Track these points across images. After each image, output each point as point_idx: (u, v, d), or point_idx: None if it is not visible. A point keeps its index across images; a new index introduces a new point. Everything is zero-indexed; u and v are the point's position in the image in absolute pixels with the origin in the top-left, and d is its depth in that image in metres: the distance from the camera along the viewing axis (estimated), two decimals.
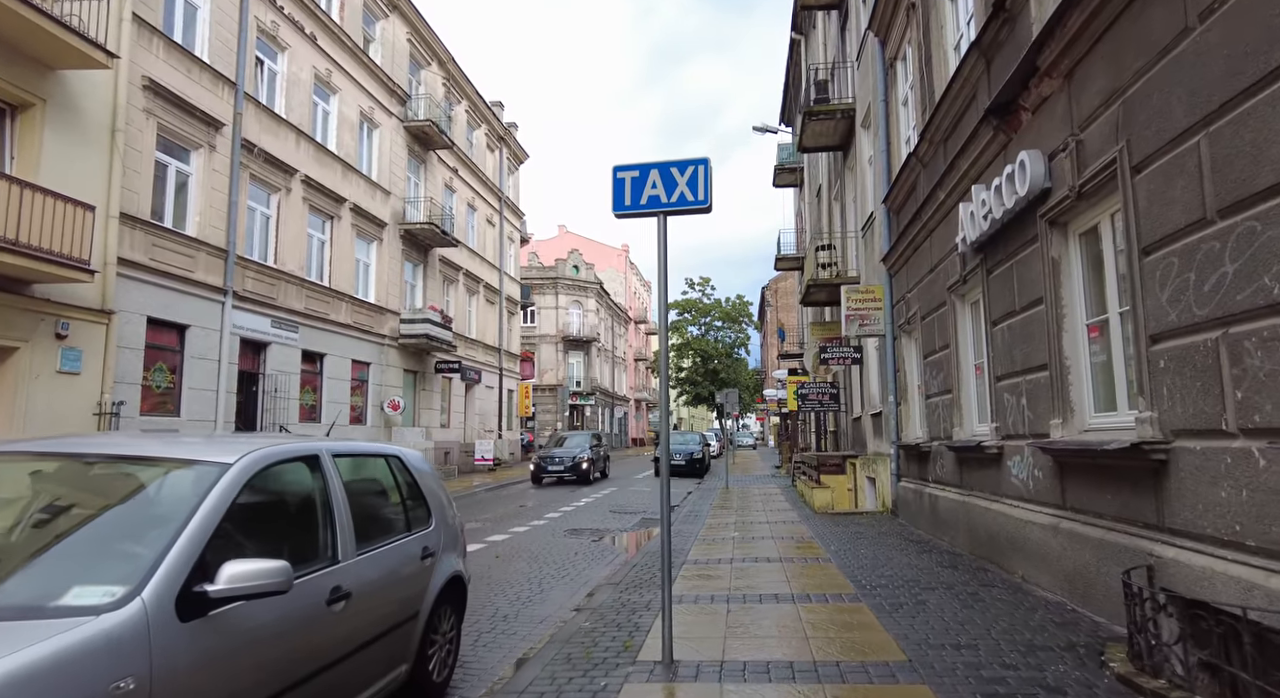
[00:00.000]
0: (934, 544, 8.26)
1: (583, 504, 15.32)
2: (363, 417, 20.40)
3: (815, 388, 16.99)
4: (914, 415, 10.41)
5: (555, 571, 8.12)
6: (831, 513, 11.92)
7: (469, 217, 28.50)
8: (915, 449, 9.72)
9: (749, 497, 15.76)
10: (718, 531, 10.14)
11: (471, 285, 28.23)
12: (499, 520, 12.41)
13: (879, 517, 11.15)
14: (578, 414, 49.70)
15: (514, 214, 33.65)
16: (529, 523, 12.09)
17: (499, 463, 28.03)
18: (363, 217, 20.11)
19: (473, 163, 28.42)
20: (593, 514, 13.48)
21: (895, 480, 11.01)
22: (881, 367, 12.53)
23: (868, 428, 14.06)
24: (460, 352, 26.63)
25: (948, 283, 8.08)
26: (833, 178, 18.52)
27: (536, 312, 49.18)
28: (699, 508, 13.34)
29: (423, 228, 22.31)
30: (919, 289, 9.50)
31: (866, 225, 13.66)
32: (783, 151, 27.60)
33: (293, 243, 16.96)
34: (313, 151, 17.83)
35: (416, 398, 23.50)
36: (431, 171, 24.79)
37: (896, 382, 11.07)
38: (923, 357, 9.41)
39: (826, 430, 19.99)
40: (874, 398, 13.67)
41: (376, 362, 20.89)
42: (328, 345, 18.44)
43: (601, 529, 11.37)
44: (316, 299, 17.94)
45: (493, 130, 30.89)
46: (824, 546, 8.44)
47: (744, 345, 55.27)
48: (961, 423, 7.83)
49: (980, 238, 6.73)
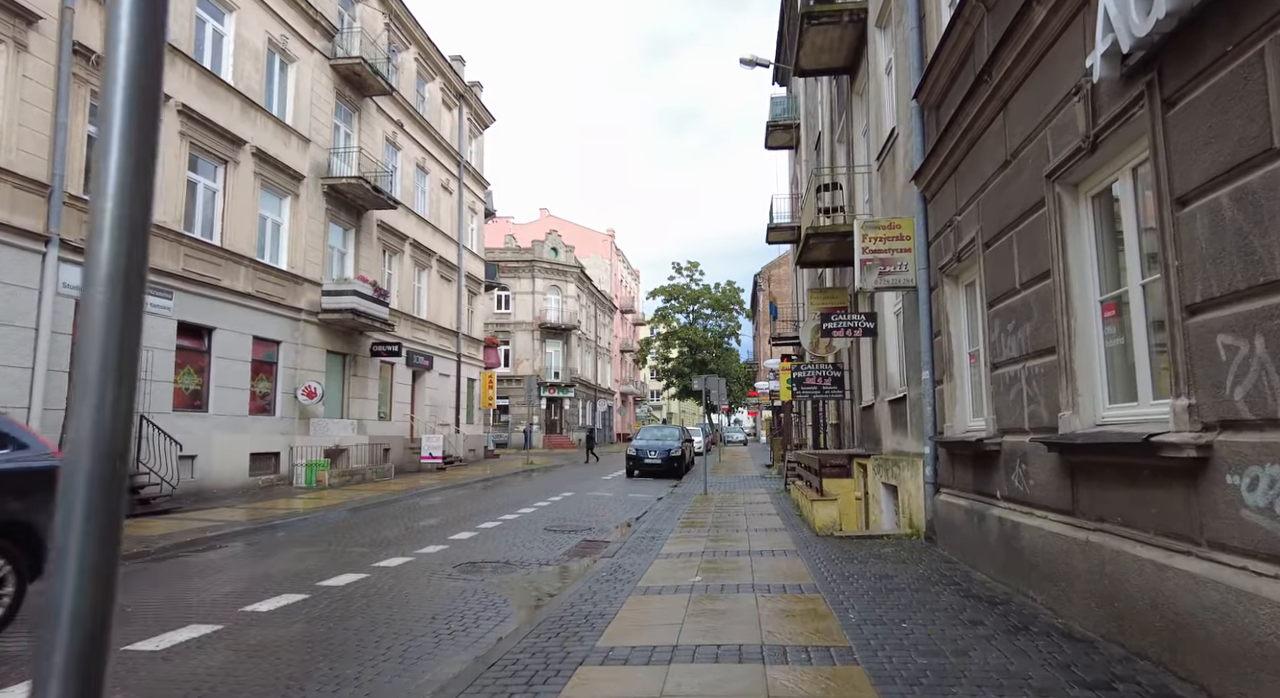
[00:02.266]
0: (1021, 608, 4.95)
1: (516, 518, 11.97)
2: (271, 406, 16.99)
3: (814, 370, 13.69)
4: (963, 398, 7.11)
5: (386, 649, 4.79)
6: (838, 536, 8.60)
7: (419, 179, 25.06)
8: (969, 448, 6.43)
9: (730, 508, 12.44)
10: (674, 570, 6.82)
11: (421, 258, 24.80)
12: (385, 545, 9.07)
13: (906, 544, 7.84)
14: (555, 408, 46.34)
15: (476, 183, 30.21)
16: (420, 549, 8.75)
17: (450, 461, 24.65)
18: (270, 165, 16.68)
19: (423, 119, 24.97)
20: (519, 534, 10.14)
21: (931, 492, 7.71)
22: (906, 335, 9.22)
23: (883, 419, 10.76)
24: (405, 333, 23.21)
25: (1047, 167, 4.76)
26: (836, 115, 15.19)
27: (512, 297, 45.81)
28: (660, 526, 10.02)
29: (351, 184, 18.87)
30: (982, 200, 6.18)
31: (884, 151, 10.34)
32: (776, 106, 24.25)
33: (165, 187, 13.53)
34: (195, 77, 14.38)
35: (346, 385, 20.10)
36: (368, 122, 21.34)
37: (935, 351, 7.76)
38: (987, 305, 6.10)
39: (826, 423, 16.68)
40: (892, 380, 10.37)
41: (289, 340, 17.47)
42: (219, 318, 15.03)
43: (512, 562, 8.02)
44: (202, 260, 14.52)
45: (450, 86, 27.42)
46: (836, 609, 5.12)
47: (735, 335, 51.97)
48: (1076, 403, 4.52)
49: (1151, 36, 3.39)
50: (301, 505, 13.49)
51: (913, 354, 8.82)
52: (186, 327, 14.22)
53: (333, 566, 7.65)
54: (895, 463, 9.40)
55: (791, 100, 24.16)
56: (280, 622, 5.46)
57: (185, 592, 6.45)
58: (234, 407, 15.48)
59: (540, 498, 15.11)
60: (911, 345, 8.90)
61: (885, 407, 10.64)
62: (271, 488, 16.31)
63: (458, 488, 17.94)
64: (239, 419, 15.64)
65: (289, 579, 6.93)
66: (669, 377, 52.30)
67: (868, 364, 12.55)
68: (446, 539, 9.47)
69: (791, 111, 23.98)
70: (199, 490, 14.16)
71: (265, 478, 16.42)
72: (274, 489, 16.17)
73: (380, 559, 7.99)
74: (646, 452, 21.25)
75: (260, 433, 16.37)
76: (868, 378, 12.52)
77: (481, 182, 30.86)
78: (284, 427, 17.21)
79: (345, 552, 8.56)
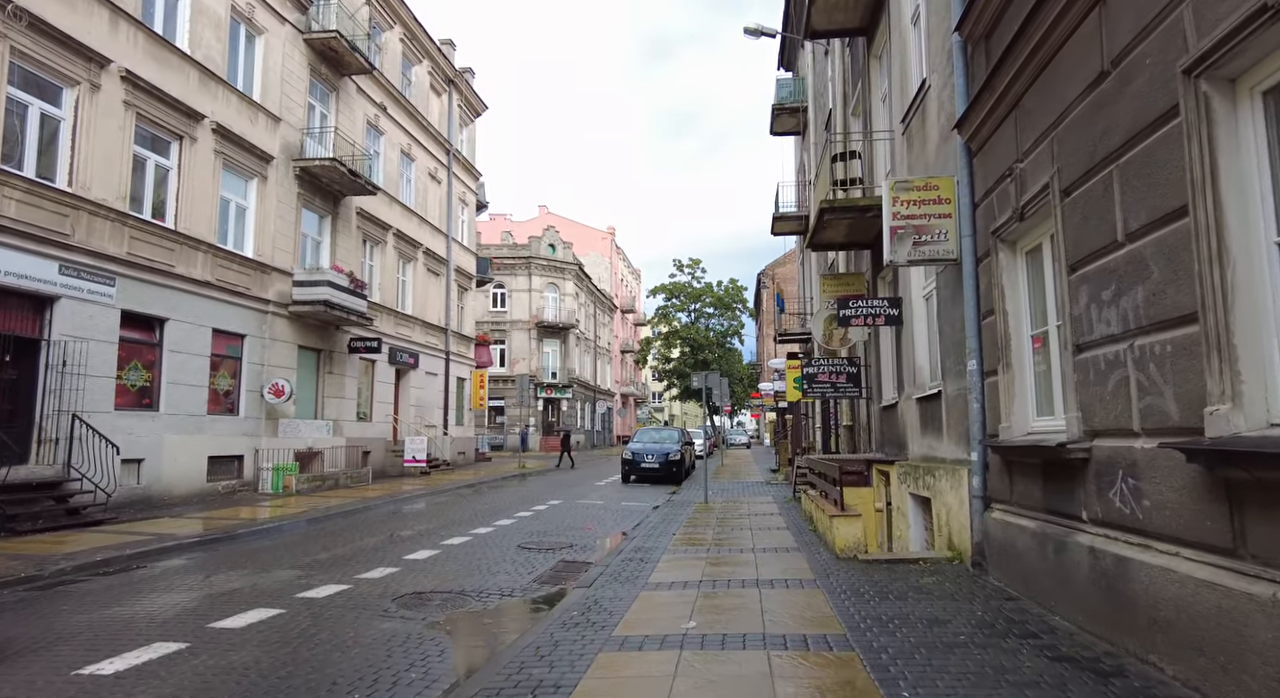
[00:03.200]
0: (1147, 685, 3.53)
1: (490, 531, 10.58)
2: (234, 405, 15.62)
3: (826, 366, 12.28)
4: (1023, 392, 5.71)
5: None
6: (864, 560, 7.18)
7: (404, 166, 23.71)
8: (1038, 454, 5.04)
9: (734, 520, 11.05)
10: (663, 609, 5.43)
11: (406, 251, 23.43)
12: (325, 567, 7.70)
13: (948, 571, 6.43)
14: (553, 409, 44.97)
15: (467, 173, 28.86)
16: (365, 573, 7.36)
17: (436, 465, 23.27)
18: (234, 143, 15.32)
19: (409, 103, 23.62)
20: (487, 553, 8.75)
21: (979, 508, 6.30)
22: (942, 321, 7.82)
23: (909, 420, 9.35)
24: (387, 329, 21.85)
25: (1185, 60, 3.38)
26: (849, 86, 13.80)
27: (508, 295, 44.47)
28: (653, 543, 8.61)
29: (325, 166, 17.52)
30: (1059, 135, 4.78)
31: (911, 110, 8.94)
32: (782, 89, 22.88)
33: (105, 161, 12.18)
34: (143, 42, 13.03)
35: (321, 383, 18.73)
36: (347, 103, 19.99)
37: (984, 336, 6.36)
38: (1067, 269, 4.70)
39: (839, 425, 15.25)
40: (921, 374, 8.96)
41: (256, 334, 16.11)
42: (172, 307, 13.67)
43: (467, 592, 6.61)
44: (152, 244, 13.17)
45: (439, 69, 26.07)
46: (880, 679, 3.71)
47: (738, 334, 50.49)
48: (1237, 392, 3.11)
49: None
50: (258, 515, 12.12)
51: (951, 342, 7.42)
52: (133, 317, 12.86)
53: (244, 597, 6.27)
54: (928, 471, 7.99)
55: (798, 82, 22.79)
56: (119, 692, 4.06)
57: (8, 643, 4.96)
58: (190, 405, 14.11)
59: (524, 507, 13.71)
60: (949, 332, 7.49)
61: (912, 406, 9.22)
62: (233, 494, 14.94)
63: (438, 495, 16.55)
64: (196, 419, 14.27)
65: (173, 621, 5.54)
66: (670, 377, 50.83)
67: (889, 358, 11.14)
68: (401, 560, 8.07)
69: (798, 94, 22.60)
70: (146, 498, 12.80)
71: (226, 483, 15.05)
72: (235, 496, 14.80)
73: (309, 588, 6.60)
74: (643, 455, 19.81)
75: (221, 434, 15.00)
76: (889, 374, 11.12)
77: (473, 172, 29.51)
78: (249, 428, 15.83)
79: (272, 576, 7.17)
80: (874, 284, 11.62)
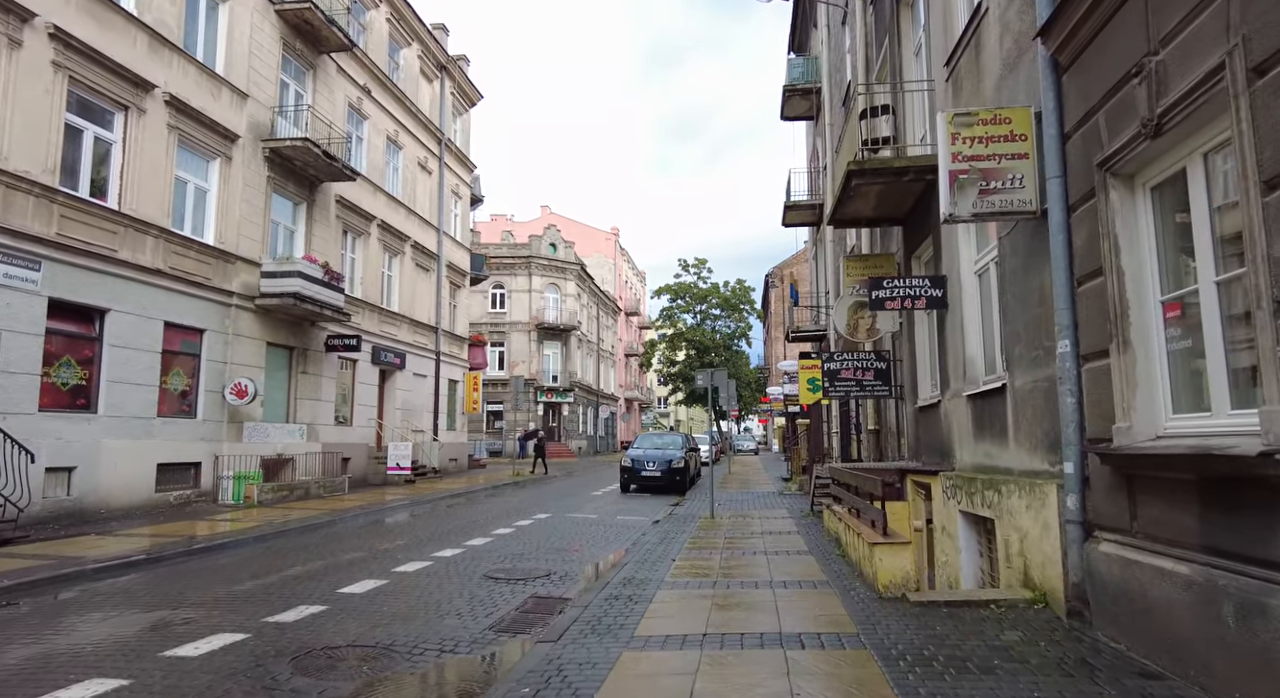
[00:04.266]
0: None
1: (458, 553, 9.02)
2: (191, 406, 14.13)
3: (851, 361, 10.69)
4: (1151, 378, 4.14)
5: None
6: (916, 601, 5.56)
7: (390, 154, 22.25)
8: (1190, 467, 3.50)
9: (745, 540, 9.47)
10: (649, 683, 3.86)
11: (392, 243, 21.95)
12: (230, 605, 6.16)
13: (1035, 621, 4.83)
14: (553, 413, 43.42)
15: (460, 164, 27.41)
16: (275, 615, 5.81)
17: (423, 473, 21.73)
18: (191, 118, 13.87)
19: (396, 87, 22.18)
20: (445, 584, 7.19)
21: (1077, 536, 4.71)
22: (1009, 295, 6.23)
23: (958, 422, 7.76)
24: (371, 326, 20.38)
25: None
26: (874, 50, 12.24)
27: (507, 295, 43.01)
28: (646, 573, 7.04)
29: (296, 147, 16.05)
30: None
31: (961, 46, 7.35)
32: (794, 69, 21.35)
33: (29, 128, 10.74)
34: None
35: (294, 384, 17.23)
36: (325, 83, 18.54)
37: (1078, 310, 4.78)
38: (1261, 188, 3.10)
39: (862, 428, 13.63)
40: (974, 366, 7.38)
41: (217, 329, 14.63)
42: (115, 297, 12.20)
43: (396, 648, 5.03)
44: (89, 225, 11.71)
45: (429, 53, 24.65)
46: None
47: (745, 337, 48.81)
48: None
49: None
50: (201, 531, 10.60)
51: (1023, 323, 5.84)
52: (65, 306, 11.39)
53: (82, 658, 4.72)
54: (989, 485, 6.38)
55: (810, 62, 21.26)
56: None
57: None
58: (136, 407, 12.62)
59: (506, 522, 12.15)
60: (1019, 310, 5.91)
61: (960, 405, 7.63)
62: (186, 506, 13.43)
63: (417, 506, 15.01)
64: (143, 422, 12.77)
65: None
66: (675, 381, 49.18)
67: (925, 350, 9.55)
68: (334, 594, 6.52)
69: (811, 75, 21.06)
70: (77, 512, 11.30)
71: (179, 494, 13.55)
72: (188, 508, 13.30)
73: (186, 640, 5.04)
74: (644, 463, 18.16)
75: (173, 439, 13.50)
76: (926, 368, 9.52)
77: (467, 164, 28.06)
78: (208, 432, 14.33)
79: (146, 620, 5.62)
80: (906, 265, 10.03)
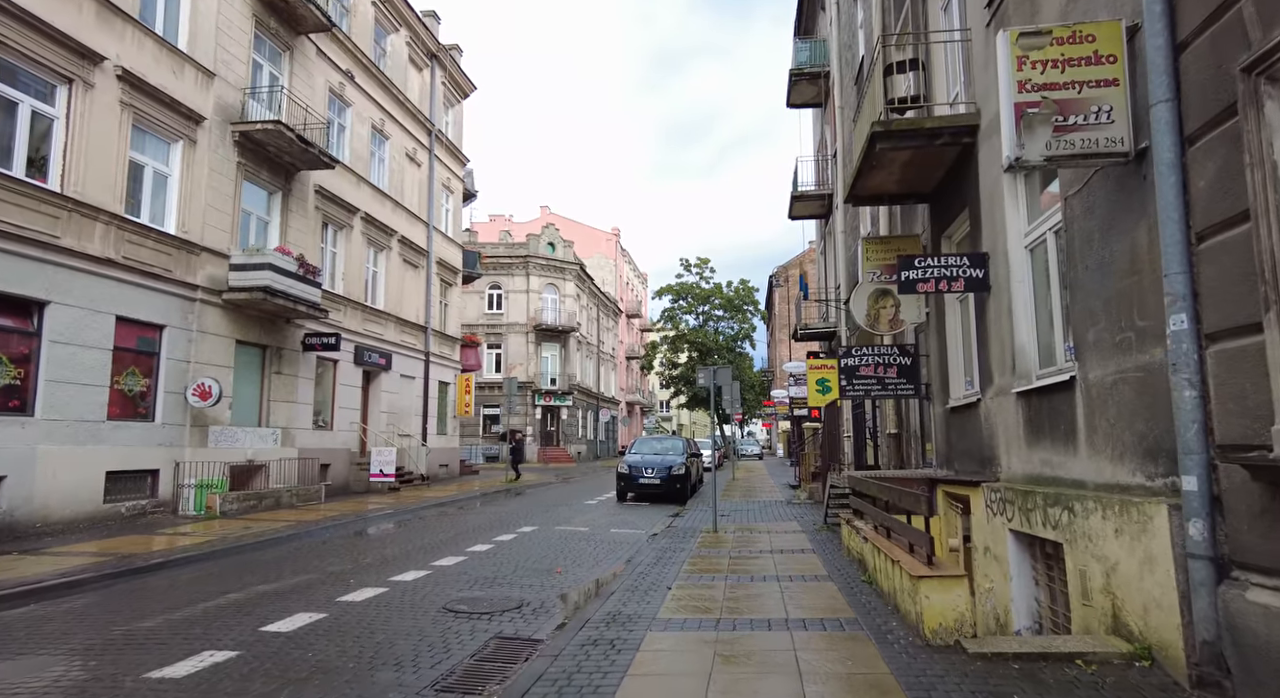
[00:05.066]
0: None
1: (421, 577, 7.84)
2: (149, 409, 12.99)
3: (871, 356, 9.51)
4: None
5: None
6: (979, 656, 4.35)
7: (376, 144, 21.14)
8: None
9: (753, 563, 8.29)
10: None
11: (377, 237, 20.82)
12: (125, 649, 5.02)
13: (1145, 687, 3.62)
14: (552, 417, 42.25)
15: (452, 157, 26.30)
16: (159, 670, 4.65)
17: (409, 479, 20.56)
18: (149, 96, 12.77)
19: (382, 74, 21.09)
20: (395, 619, 6.02)
21: (1207, 576, 3.54)
22: (1077, 270, 5.07)
23: (1004, 424, 6.59)
24: (354, 325, 19.25)
25: None
26: (892, 15, 11.10)
27: (504, 296, 41.90)
28: (635, 609, 5.86)
29: (268, 131, 14.93)
30: None
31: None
32: (800, 53, 20.23)
33: None
34: None
35: (267, 385, 16.08)
36: (304, 66, 17.44)
37: (1200, 274, 3.60)
38: None
39: (879, 431, 12.43)
40: (1024, 356, 6.21)
41: (179, 325, 13.50)
42: (57, 289, 11.08)
43: None
44: (24, 208, 10.57)
45: (418, 40, 23.57)
46: None
47: (749, 338, 47.60)
48: None
49: None
50: (140, 548, 9.44)
51: (1101, 299, 4.68)
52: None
53: None
54: (1055, 501, 5.21)
55: (818, 45, 20.15)
56: None
57: None
58: (81, 409, 11.47)
59: (486, 536, 10.97)
60: (1096, 284, 4.74)
61: (1009, 404, 6.45)
62: (139, 518, 12.28)
63: (394, 518, 13.85)
64: (90, 427, 11.63)
65: None
66: (677, 384, 47.96)
67: (958, 342, 8.38)
68: (253, 634, 5.34)
69: (819, 58, 19.95)
70: (7, 526, 10.14)
71: (133, 504, 12.39)
72: (141, 520, 12.15)
73: None
74: (641, 469, 16.92)
75: (126, 445, 12.35)
76: (959, 363, 8.35)
77: (459, 157, 26.96)
78: (167, 437, 13.18)
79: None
80: (934, 247, 8.86)
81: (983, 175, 7.07)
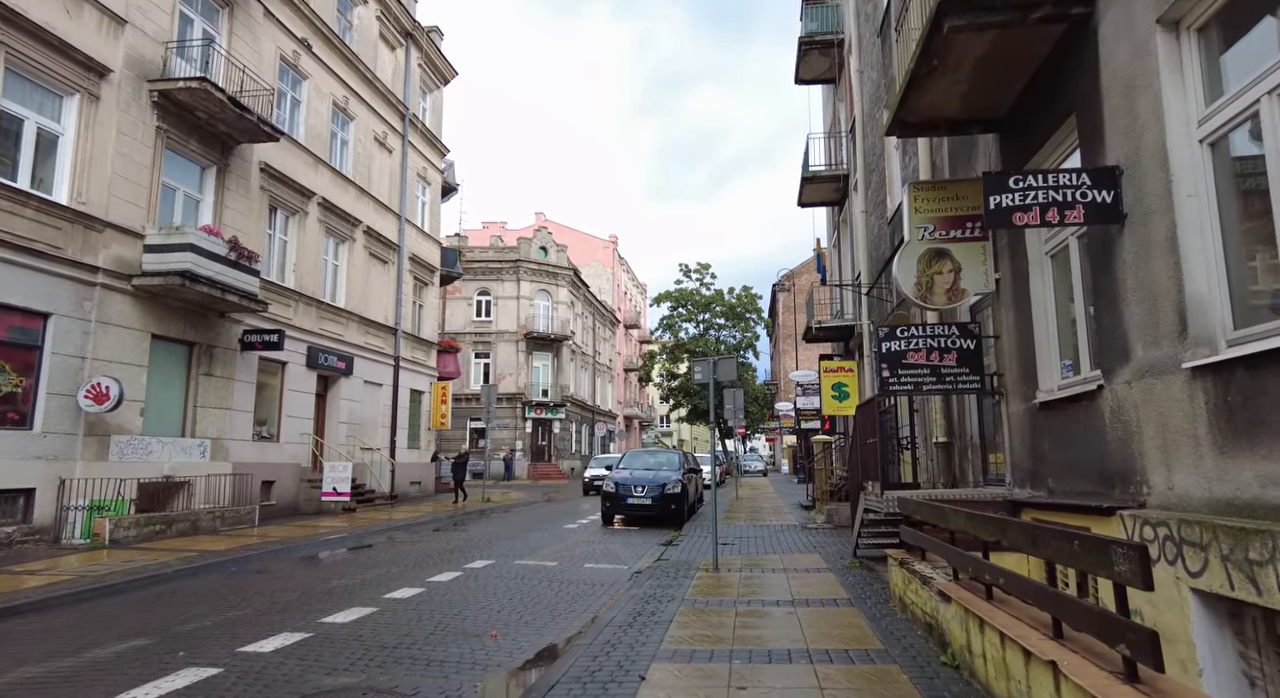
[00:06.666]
0: None
1: (289, 645, 5.48)
2: (25, 414, 10.67)
3: (923, 338, 7.18)
4: None
5: None
6: None
7: (337, 123, 18.96)
8: None
9: (765, 620, 5.95)
10: None
11: (338, 227, 18.59)
12: None
13: None
14: (543, 431, 39.84)
15: (430, 146, 24.15)
16: None
17: (369, 498, 18.16)
18: (28, 34, 10.58)
19: (346, 47, 18.97)
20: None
21: None
22: None
23: (1157, 422, 4.30)
24: (306, 322, 16.97)
25: None
26: None
27: (493, 302, 39.66)
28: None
29: (194, 91, 12.72)
30: None
31: None
32: (811, 20, 18.07)
33: None
34: None
35: (193, 388, 13.75)
36: (248, 27, 15.28)
37: None
38: None
39: (926, 440, 10.04)
40: (1198, 313, 3.92)
41: (72, 314, 11.22)
42: None
43: None
44: None
45: (391, 16, 21.48)
46: None
47: (752, 347, 45.24)
48: None
49: None
50: None
51: None
52: None
53: None
54: None
55: (830, 10, 18.00)
56: None
57: None
58: None
59: (421, 574, 8.57)
60: None
61: (1173, 388, 4.14)
62: (3, 549, 9.92)
63: (329, 546, 11.48)
64: None
65: None
66: (676, 396, 45.55)
67: (1048, 314, 6.07)
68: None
69: (830, 24, 17.82)
70: None
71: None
72: (6, 552, 9.79)
73: None
74: (630, 487, 14.44)
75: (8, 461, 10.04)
76: (1050, 342, 6.04)
77: (438, 146, 24.81)
78: (50, 448, 10.85)
79: None
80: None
81: (1107, 58, 4.80)
